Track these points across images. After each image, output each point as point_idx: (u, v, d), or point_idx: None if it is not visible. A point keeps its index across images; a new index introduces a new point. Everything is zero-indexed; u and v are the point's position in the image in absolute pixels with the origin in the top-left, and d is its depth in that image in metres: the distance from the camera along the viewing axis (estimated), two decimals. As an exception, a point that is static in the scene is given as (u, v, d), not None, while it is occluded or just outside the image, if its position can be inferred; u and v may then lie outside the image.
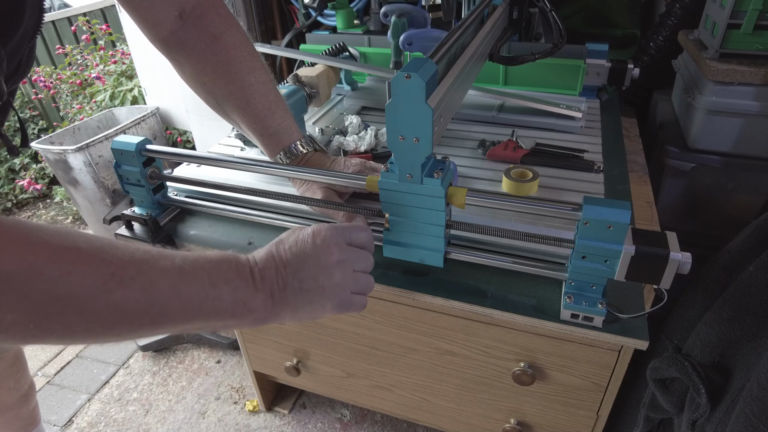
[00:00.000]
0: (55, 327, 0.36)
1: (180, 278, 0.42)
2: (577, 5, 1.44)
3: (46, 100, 2.60)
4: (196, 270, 0.43)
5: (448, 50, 0.66)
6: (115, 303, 0.38)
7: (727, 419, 0.60)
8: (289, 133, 0.74)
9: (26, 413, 1.09)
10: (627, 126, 1.22)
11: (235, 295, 0.46)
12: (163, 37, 0.69)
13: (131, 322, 0.39)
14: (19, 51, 0.57)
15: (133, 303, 0.39)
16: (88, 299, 0.36)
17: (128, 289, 0.38)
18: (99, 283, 0.37)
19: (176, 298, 0.41)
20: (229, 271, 0.46)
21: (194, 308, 0.43)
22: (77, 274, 0.36)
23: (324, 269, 0.52)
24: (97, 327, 0.38)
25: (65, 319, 0.36)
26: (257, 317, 0.48)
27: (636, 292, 0.64)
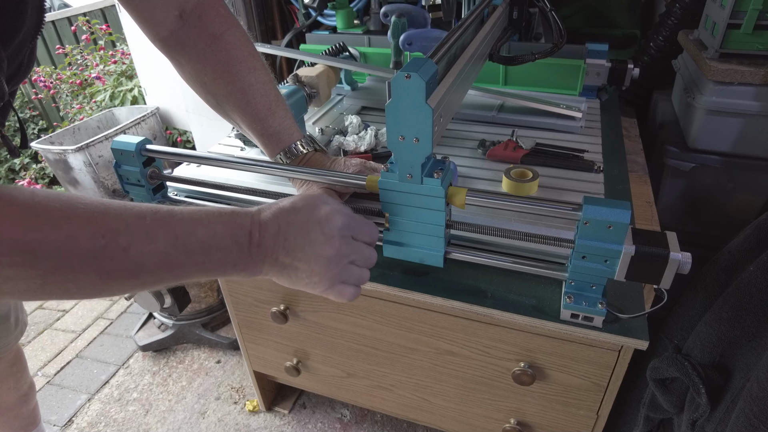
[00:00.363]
0: (53, 291, 0.40)
1: (172, 246, 0.45)
2: (577, 5, 1.44)
3: (46, 100, 2.60)
4: (188, 237, 0.46)
5: (448, 50, 0.66)
6: (107, 273, 0.41)
7: (727, 419, 0.60)
8: (290, 133, 0.74)
9: (26, 413, 1.09)
10: (627, 126, 1.22)
11: (227, 258, 0.48)
12: (164, 37, 0.69)
13: (122, 285, 0.44)
14: (20, 52, 0.57)
15: (124, 271, 0.42)
16: (80, 271, 0.40)
17: (118, 261, 0.42)
18: (89, 255, 0.40)
19: (166, 265, 0.45)
20: (224, 237, 0.48)
21: (183, 271, 0.46)
22: (67, 247, 0.39)
23: (319, 257, 0.52)
24: (90, 290, 0.42)
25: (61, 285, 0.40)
26: (245, 275, 0.51)
27: (636, 292, 0.64)
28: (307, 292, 0.86)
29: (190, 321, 1.47)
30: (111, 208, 0.42)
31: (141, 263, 0.43)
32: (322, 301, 0.86)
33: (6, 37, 0.53)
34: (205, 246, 0.46)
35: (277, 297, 0.91)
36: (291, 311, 0.92)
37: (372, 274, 0.72)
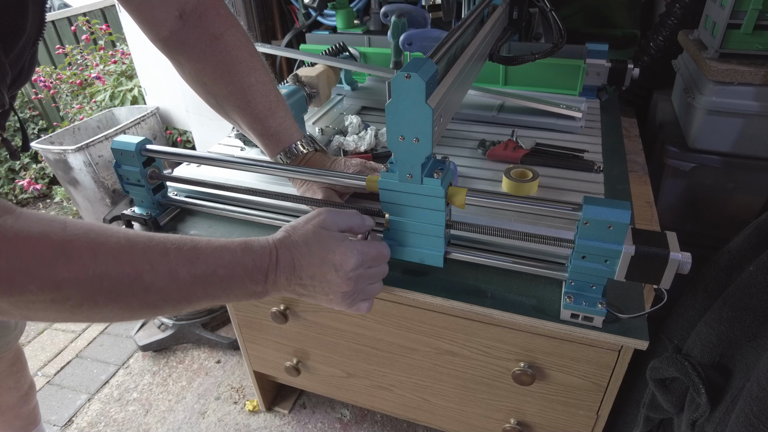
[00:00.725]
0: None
1: (194, 284, 0.47)
2: (577, 5, 1.44)
3: (46, 100, 2.60)
4: (210, 277, 0.48)
5: (448, 50, 0.66)
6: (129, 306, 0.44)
7: (727, 419, 0.60)
8: (290, 133, 0.74)
9: (26, 413, 1.09)
10: (627, 126, 1.22)
11: (243, 292, 0.51)
12: (164, 37, 0.69)
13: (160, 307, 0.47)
14: (21, 58, 0.57)
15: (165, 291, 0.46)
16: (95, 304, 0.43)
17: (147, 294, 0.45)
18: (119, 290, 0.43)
19: (185, 301, 0.48)
20: (243, 277, 0.50)
21: (208, 300, 0.50)
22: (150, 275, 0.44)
23: (337, 294, 0.55)
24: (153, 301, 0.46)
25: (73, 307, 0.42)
26: (261, 299, 0.55)
27: (636, 292, 0.64)
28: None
29: (190, 321, 1.47)
30: (138, 244, 0.44)
31: (163, 299, 0.46)
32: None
33: (8, 44, 0.53)
34: (225, 284, 0.49)
35: (277, 297, 0.91)
36: (291, 311, 0.92)
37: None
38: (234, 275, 0.49)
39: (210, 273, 0.48)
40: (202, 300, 0.49)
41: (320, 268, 0.53)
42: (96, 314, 0.43)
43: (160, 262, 0.45)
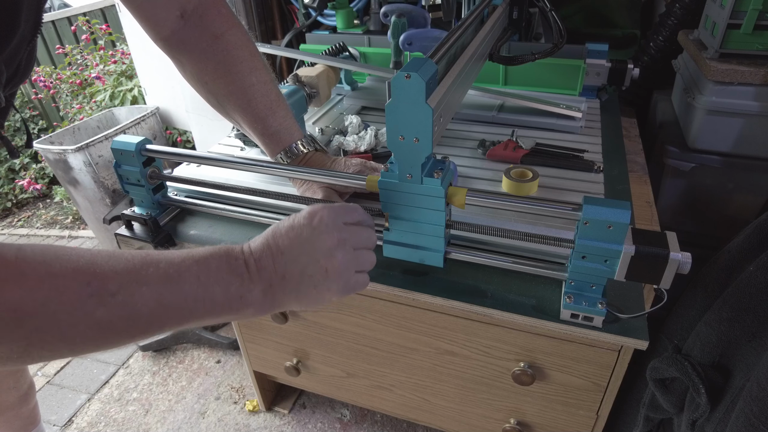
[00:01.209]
0: (40, 354, 0.37)
1: (165, 286, 0.41)
2: (577, 5, 1.44)
3: (46, 100, 2.60)
4: (183, 274, 0.43)
5: (448, 50, 0.66)
6: (98, 323, 0.38)
7: (726, 419, 0.60)
8: (290, 133, 0.75)
9: (26, 413, 1.09)
10: (627, 126, 1.22)
11: (229, 292, 0.45)
12: (165, 37, 0.69)
13: (119, 335, 0.39)
14: (16, 56, 0.57)
15: (117, 319, 0.38)
16: (70, 325, 0.36)
17: (110, 308, 0.38)
18: (77, 306, 0.37)
19: (162, 308, 0.41)
20: (219, 269, 0.45)
21: (185, 313, 0.43)
22: (53, 302, 0.36)
23: (325, 252, 0.50)
24: (84, 346, 0.38)
25: (49, 345, 0.36)
26: (257, 309, 0.48)
27: (636, 292, 0.64)
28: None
29: (190, 321, 1.47)
30: (98, 256, 0.40)
31: (133, 308, 0.39)
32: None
33: (1, 40, 0.52)
34: (202, 282, 0.44)
35: (277, 297, 0.91)
36: (291, 311, 0.92)
37: (372, 274, 0.72)
38: (209, 269, 0.45)
39: (182, 270, 0.43)
40: (183, 308, 0.43)
41: (296, 229, 0.50)
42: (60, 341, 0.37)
43: (125, 268, 0.40)
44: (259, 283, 0.47)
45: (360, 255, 0.54)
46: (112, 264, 0.40)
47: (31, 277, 0.35)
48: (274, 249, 0.49)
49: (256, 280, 0.47)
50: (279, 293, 0.49)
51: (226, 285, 0.45)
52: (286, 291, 0.49)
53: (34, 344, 0.36)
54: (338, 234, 0.51)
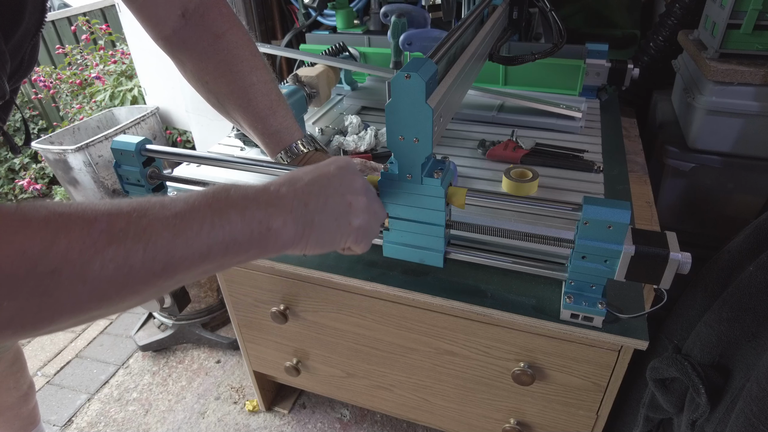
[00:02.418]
0: (62, 303, 0.33)
1: (176, 216, 0.38)
2: (577, 5, 1.44)
3: (46, 100, 2.59)
4: (192, 205, 0.39)
5: (448, 50, 0.66)
6: (113, 259, 0.34)
7: (726, 419, 0.60)
8: (290, 133, 0.75)
9: (26, 413, 1.09)
10: (627, 126, 1.23)
11: (245, 216, 0.41)
12: (166, 36, 0.69)
13: (141, 275, 0.36)
14: (20, 49, 0.57)
15: (133, 254, 0.35)
16: (84, 264, 0.33)
17: (122, 243, 0.35)
18: (88, 243, 0.34)
19: (179, 237, 0.37)
20: (229, 195, 0.42)
21: (204, 242, 0.39)
22: (62, 241, 0.33)
23: (351, 189, 0.50)
24: (108, 291, 0.35)
25: (68, 291, 0.33)
26: (279, 238, 0.44)
27: (636, 292, 0.64)
28: (306, 292, 0.86)
29: (189, 321, 1.47)
30: (97, 202, 0.37)
31: (147, 242, 0.36)
32: (322, 301, 0.86)
33: (5, 32, 0.52)
34: (214, 208, 0.40)
35: (277, 297, 0.91)
36: (291, 311, 0.92)
37: (372, 274, 0.72)
38: (218, 196, 0.41)
39: (184, 206, 0.39)
40: (197, 246, 0.38)
41: (320, 169, 0.49)
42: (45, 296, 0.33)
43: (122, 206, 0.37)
44: (278, 208, 0.44)
45: (376, 214, 0.53)
46: (115, 205, 0.37)
47: (35, 219, 0.33)
48: (295, 180, 0.47)
49: (274, 204, 0.44)
50: (300, 221, 0.45)
51: (241, 208, 0.41)
52: (308, 219, 0.46)
53: (50, 291, 0.32)
54: (364, 180, 0.52)
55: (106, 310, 0.36)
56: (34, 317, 0.32)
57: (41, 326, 0.33)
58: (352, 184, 0.50)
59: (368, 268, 0.73)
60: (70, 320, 0.34)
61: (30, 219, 0.32)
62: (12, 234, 0.31)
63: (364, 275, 0.72)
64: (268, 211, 0.43)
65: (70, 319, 0.34)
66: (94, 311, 0.35)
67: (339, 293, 0.83)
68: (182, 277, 0.39)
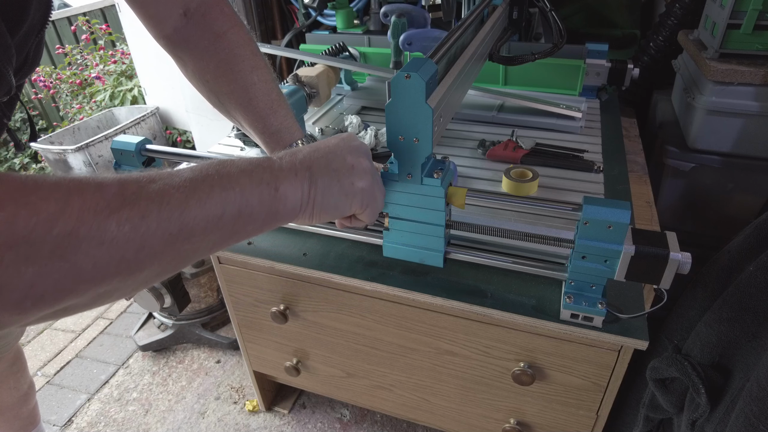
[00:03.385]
0: (81, 267, 0.32)
1: (186, 181, 0.38)
2: (577, 5, 1.44)
3: (46, 100, 2.59)
4: (202, 172, 0.41)
5: (448, 50, 0.66)
6: (129, 220, 0.34)
7: (726, 419, 0.60)
8: (291, 132, 0.75)
9: (26, 413, 1.09)
10: (627, 126, 1.23)
11: (256, 179, 0.43)
12: (167, 35, 0.69)
13: (159, 235, 0.36)
14: (26, 44, 0.57)
15: (149, 214, 0.35)
16: (99, 224, 0.33)
17: (135, 204, 0.35)
18: (102, 205, 0.33)
19: (193, 198, 0.38)
20: (236, 164, 0.43)
21: (219, 204, 0.40)
22: (75, 202, 0.32)
23: (352, 152, 0.51)
24: (126, 252, 0.34)
25: (86, 253, 0.32)
26: (291, 202, 0.46)
27: (636, 292, 0.64)
28: (306, 292, 0.86)
29: (189, 321, 1.47)
30: (104, 175, 0.37)
31: (161, 205, 0.36)
32: (322, 301, 0.86)
33: (12, 26, 0.53)
34: (223, 174, 0.41)
35: (277, 297, 0.91)
36: (291, 311, 0.92)
37: (372, 274, 0.72)
38: (226, 164, 0.43)
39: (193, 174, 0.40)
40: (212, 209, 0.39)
41: (319, 142, 0.51)
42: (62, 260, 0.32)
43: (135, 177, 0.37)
44: (284, 172, 0.46)
45: (379, 184, 0.55)
46: (125, 175, 0.37)
47: (45, 183, 0.32)
48: (297, 151, 0.49)
49: (279, 169, 0.45)
50: (306, 183, 0.47)
51: (248, 172, 0.43)
52: (312, 181, 0.48)
53: (68, 255, 0.31)
54: (366, 149, 0.53)
55: (125, 281, 0.35)
56: (55, 285, 0.31)
57: (62, 296, 0.32)
58: (354, 148, 0.52)
59: (368, 268, 0.73)
60: (91, 290, 0.34)
61: (41, 183, 0.32)
62: (25, 196, 0.30)
63: (364, 275, 0.72)
64: (275, 174, 0.45)
65: (91, 287, 0.33)
66: (115, 278, 0.35)
67: (339, 293, 0.83)
68: (199, 242, 0.39)
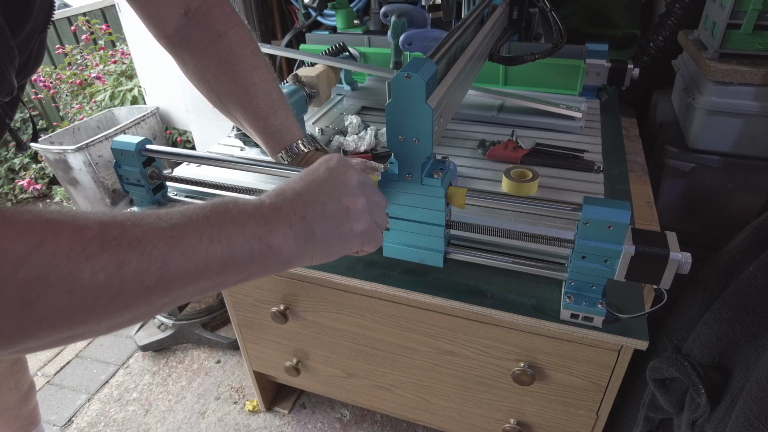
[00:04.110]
0: (45, 313, 0.30)
1: (172, 228, 0.36)
2: (577, 5, 1.44)
3: (46, 100, 2.59)
4: (190, 217, 0.37)
5: (448, 50, 0.66)
6: (105, 268, 0.31)
7: (726, 419, 0.60)
8: (291, 132, 0.75)
9: (26, 413, 1.09)
10: (627, 126, 1.23)
11: (245, 231, 0.39)
12: (168, 34, 0.69)
13: (133, 287, 0.33)
14: (28, 44, 0.57)
15: (127, 264, 0.32)
16: (72, 271, 0.30)
17: (115, 252, 0.32)
18: (78, 250, 0.31)
19: (175, 249, 0.35)
20: (228, 212, 0.40)
21: (202, 257, 0.36)
22: (49, 244, 0.30)
23: (345, 189, 0.47)
24: (96, 303, 0.32)
25: (53, 300, 0.30)
26: (281, 255, 0.42)
27: (636, 292, 0.64)
28: (306, 292, 0.86)
29: (189, 321, 1.47)
30: (90, 211, 0.35)
31: (142, 253, 0.33)
32: (322, 301, 0.86)
33: (15, 26, 0.53)
34: (213, 222, 0.38)
35: (277, 297, 0.91)
36: (291, 311, 0.92)
37: (372, 274, 0.72)
38: (217, 210, 0.39)
39: (180, 219, 0.37)
40: (194, 260, 0.36)
41: (311, 173, 0.47)
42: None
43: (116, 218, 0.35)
44: (277, 224, 0.42)
45: (378, 207, 0.51)
46: (109, 214, 0.35)
47: (19, 222, 0.29)
48: (288, 192, 0.45)
49: (273, 221, 0.42)
50: (301, 235, 0.43)
51: (240, 225, 0.39)
52: (308, 233, 0.44)
53: (33, 300, 0.29)
54: (358, 175, 0.49)
55: (91, 327, 0.33)
56: (12, 329, 0.29)
57: (18, 341, 0.30)
58: (346, 185, 0.48)
59: (368, 268, 0.73)
60: (51, 335, 0.31)
61: (13, 220, 0.29)
62: None
63: (364, 275, 0.72)
64: (268, 228, 0.41)
65: (51, 334, 0.31)
66: (78, 327, 0.32)
67: (339, 293, 0.83)
68: (177, 295, 0.36)
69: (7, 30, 0.51)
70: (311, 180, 0.47)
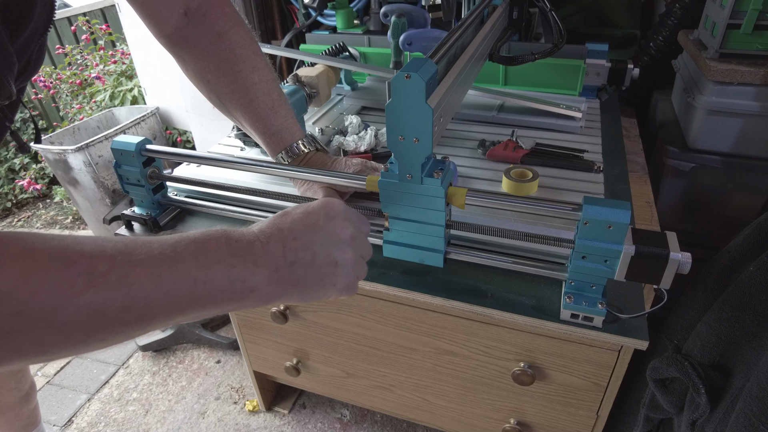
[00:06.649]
0: (21, 346, 0.31)
1: (161, 265, 0.36)
2: (577, 5, 1.44)
3: (46, 100, 2.60)
4: (179, 253, 0.38)
5: (448, 50, 0.66)
6: (88, 306, 0.32)
7: (726, 419, 0.60)
8: (291, 133, 0.75)
9: (27, 413, 1.09)
10: (627, 126, 1.22)
11: (231, 274, 0.40)
12: (168, 34, 0.69)
13: (113, 324, 0.34)
14: (28, 48, 0.57)
15: (110, 303, 0.33)
16: (56, 307, 0.31)
17: (101, 289, 0.33)
18: (64, 286, 0.31)
19: (160, 289, 0.36)
20: (219, 249, 0.40)
21: (184, 296, 0.38)
22: (34, 279, 0.30)
23: (338, 244, 0.48)
24: (74, 337, 0.33)
25: (33, 335, 0.31)
26: (259, 297, 0.43)
27: (636, 292, 0.64)
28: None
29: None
30: (83, 238, 0.35)
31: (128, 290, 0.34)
32: (322, 301, 0.86)
33: (14, 31, 0.52)
34: (201, 262, 0.39)
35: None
36: (291, 311, 0.92)
37: (372, 274, 0.72)
38: (206, 247, 0.40)
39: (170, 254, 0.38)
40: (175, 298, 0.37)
41: (310, 217, 0.48)
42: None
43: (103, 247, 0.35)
44: (264, 267, 0.42)
45: (362, 261, 0.52)
46: (100, 245, 0.35)
47: (6, 253, 0.30)
48: (286, 233, 0.45)
49: (261, 264, 0.42)
50: (285, 280, 0.44)
51: (227, 266, 0.40)
52: (293, 279, 0.45)
53: (12, 333, 0.29)
54: (352, 230, 0.49)
55: (65, 354, 0.34)
56: None
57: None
58: (340, 239, 0.48)
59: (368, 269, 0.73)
60: (26, 362, 0.32)
61: (1, 253, 0.30)
62: None
63: (364, 275, 0.72)
64: (254, 272, 0.42)
65: (26, 361, 0.32)
66: (54, 354, 0.33)
67: (339, 293, 0.83)
68: (153, 328, 0.38)
69: (5, 36, 0.51)
70: (309, 225, 0.47)
